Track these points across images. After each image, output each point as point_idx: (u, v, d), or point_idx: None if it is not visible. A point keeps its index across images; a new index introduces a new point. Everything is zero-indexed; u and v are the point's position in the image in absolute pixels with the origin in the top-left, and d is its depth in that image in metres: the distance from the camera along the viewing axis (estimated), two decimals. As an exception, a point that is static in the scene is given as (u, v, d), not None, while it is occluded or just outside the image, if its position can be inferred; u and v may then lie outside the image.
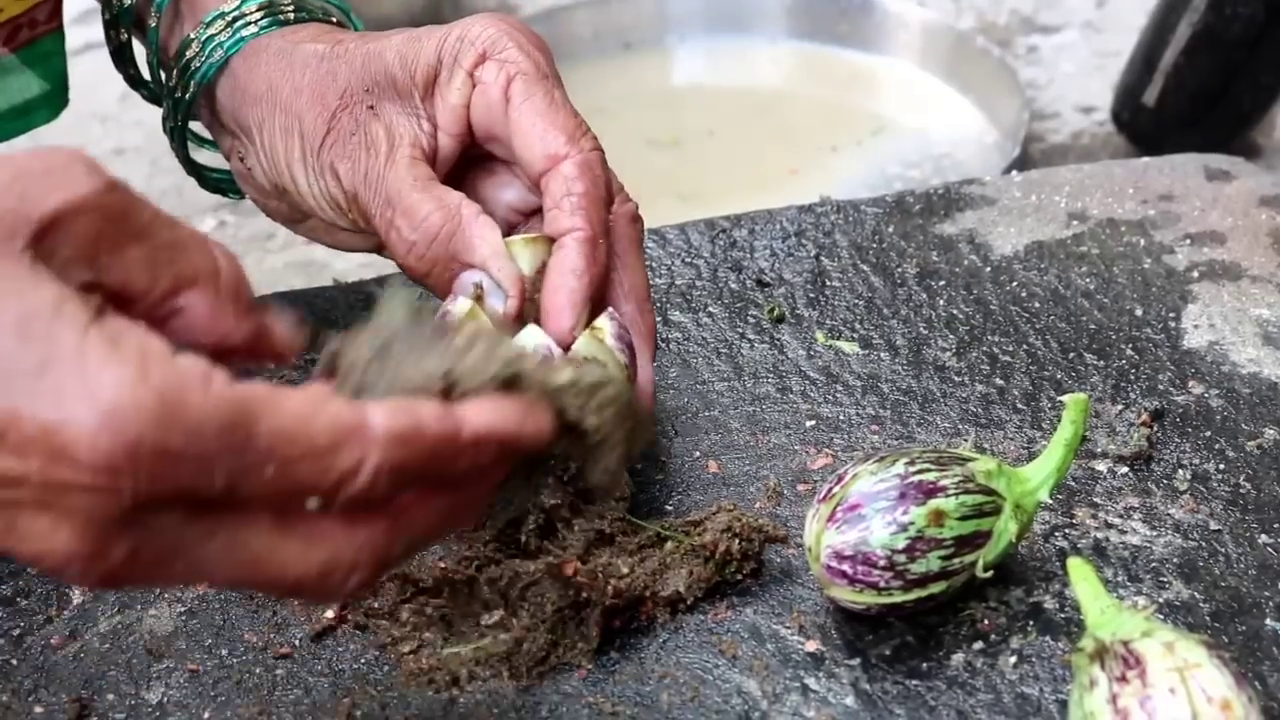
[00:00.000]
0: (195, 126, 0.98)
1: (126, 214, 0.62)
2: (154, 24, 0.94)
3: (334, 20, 0.95)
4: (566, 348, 0.79)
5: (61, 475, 0.56)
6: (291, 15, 0.93)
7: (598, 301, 0.82)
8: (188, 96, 0.93)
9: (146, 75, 0.97)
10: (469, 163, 0.89)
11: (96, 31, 1.04)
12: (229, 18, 0.92)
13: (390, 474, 0.60)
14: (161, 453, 0.56)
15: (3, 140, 1.01)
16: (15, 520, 0.57)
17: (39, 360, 0.56)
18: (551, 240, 0.82)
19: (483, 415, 0.62)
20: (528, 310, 0.81)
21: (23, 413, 0.56)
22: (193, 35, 0.92)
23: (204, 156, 1.00)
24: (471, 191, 0.87)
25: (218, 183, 1.00)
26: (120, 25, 0.96)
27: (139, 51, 0.99)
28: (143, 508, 0.57)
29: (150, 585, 0.64)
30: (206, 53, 0.91)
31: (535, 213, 0.88)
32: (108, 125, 2.37)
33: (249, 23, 0.92)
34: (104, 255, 0.61)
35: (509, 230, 0.87)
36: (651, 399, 0.83)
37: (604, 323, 0.79)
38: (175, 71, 0.93)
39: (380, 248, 0.90)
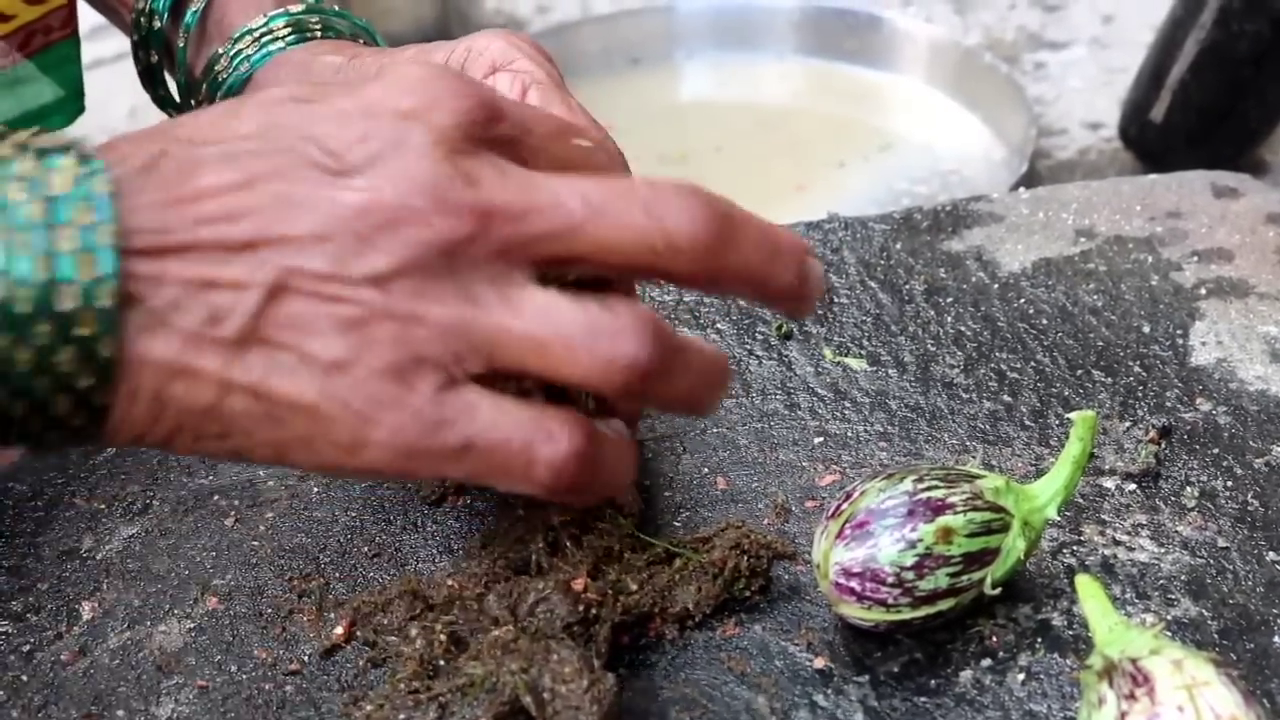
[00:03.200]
0: None
1: None
2: (182, 44, 0.95)
3: (360, 41, 0.96)
4: None
5: (406, 103, 0.61)
6: (318, 33, 0.94)
7: None
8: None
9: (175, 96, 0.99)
10: None
11: (105, 47, 1.04)
12: (257, 34, 0.93)
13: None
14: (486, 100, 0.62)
15: None
16: (375, 168, 0.60)
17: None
18: None
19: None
20: None
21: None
22: (221, 51, 0.93)
23: None
24: None
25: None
26: (150, 47, 0.97)
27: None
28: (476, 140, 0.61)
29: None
30: (233, 66, 0.93)
31: None
32: (117, 141, 2.37)
33: (276, 38, 0.93)
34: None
35: None
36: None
37: None
38: (203, 87, 0.94)
39: None
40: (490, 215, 0.60)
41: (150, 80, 0.99)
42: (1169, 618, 0.76)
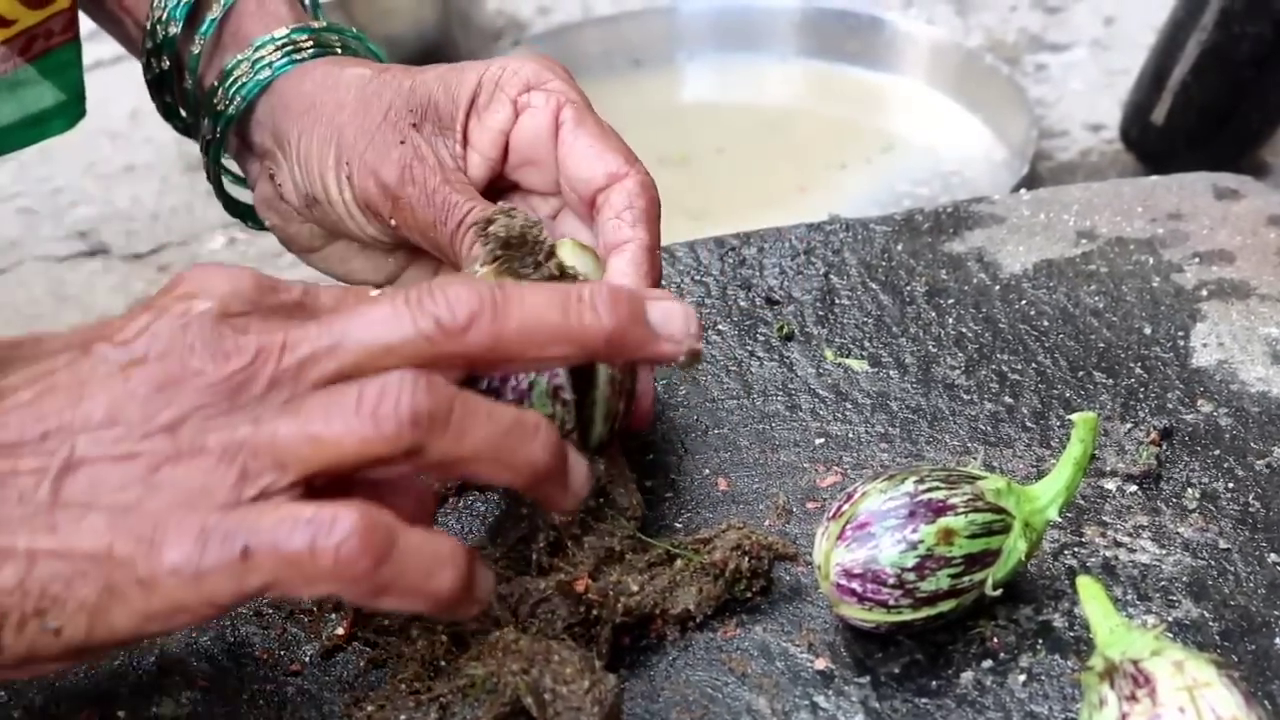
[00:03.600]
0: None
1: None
2: (196, 51, 0.95)
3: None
4: None
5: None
6: (338, 51, 0.96)
7: None
8: (231, 109, 0.95)
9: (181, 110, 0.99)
10: (489, 194, 0.90)
11: (106, 49, 1.05)
12: (279, 43, 0.94)
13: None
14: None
15: (16, 149, 1.02)
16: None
17: None
18: (596, 256, 0.82)
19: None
20: None
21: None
22: (241, 57, 0.94)
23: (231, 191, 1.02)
24: None
25: (240, 211, 1.03)
26: (162, 53, 0.97)
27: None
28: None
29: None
30: (255, 71, 0.94)
31: None
32: (118, 142, 2.38)
33: (299, 48, 0.94)
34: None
35: None
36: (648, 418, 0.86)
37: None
38: (220, 90, 0.95)
39: (392, 278, 0.94)
40: (259, 351, 0.63)
41: (158, 89, 0.99)
42: (1170, 619, 0.76)
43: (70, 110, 1.03)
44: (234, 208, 1.03)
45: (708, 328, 0.98)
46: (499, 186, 0.91)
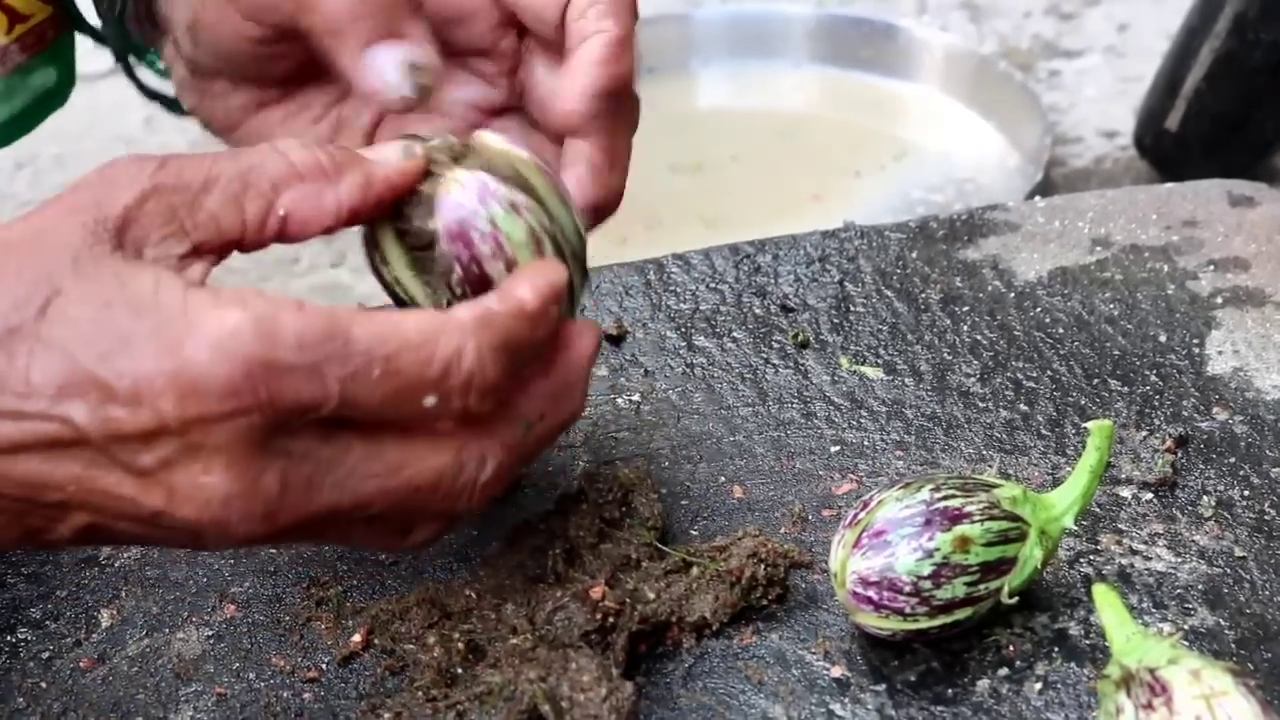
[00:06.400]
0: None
1: (183, 177, 0.67)
2: None
3: None
4: (559, 141, 0.80)
5: (195, 410, 0.62)
6: None
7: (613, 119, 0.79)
8: None
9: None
10: None
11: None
12: None
13: (491, 353, 0.66)
14: (272, 365, 0.62)
15: (27, 132, 1.04)
16: (171, 480, 0.63)
17: (152, 327, 0.63)
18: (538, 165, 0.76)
19: (527, 281, 0.69)
20: None
21: (147, 372, 0.62)
22: None
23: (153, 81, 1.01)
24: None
25: (161, 99, 1.00)
26: None
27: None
28: (277, 428, 0.63)
29: (305, 527, 0.66)
30: None
31: (501, 112, 0.86)
32: (133, 149, 2.38)
33: None
34: (186, 221, 0.67)
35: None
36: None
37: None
38: None
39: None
40: (272, 519, 0.65)
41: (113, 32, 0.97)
42: (1186, 627, 0.76)
43: (65, 89, 1.05)
44: (150, 94, 1.00)
45: (723, 335, 0.98)
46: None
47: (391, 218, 0.72)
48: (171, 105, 1.00)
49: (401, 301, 0.73)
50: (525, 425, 0.70)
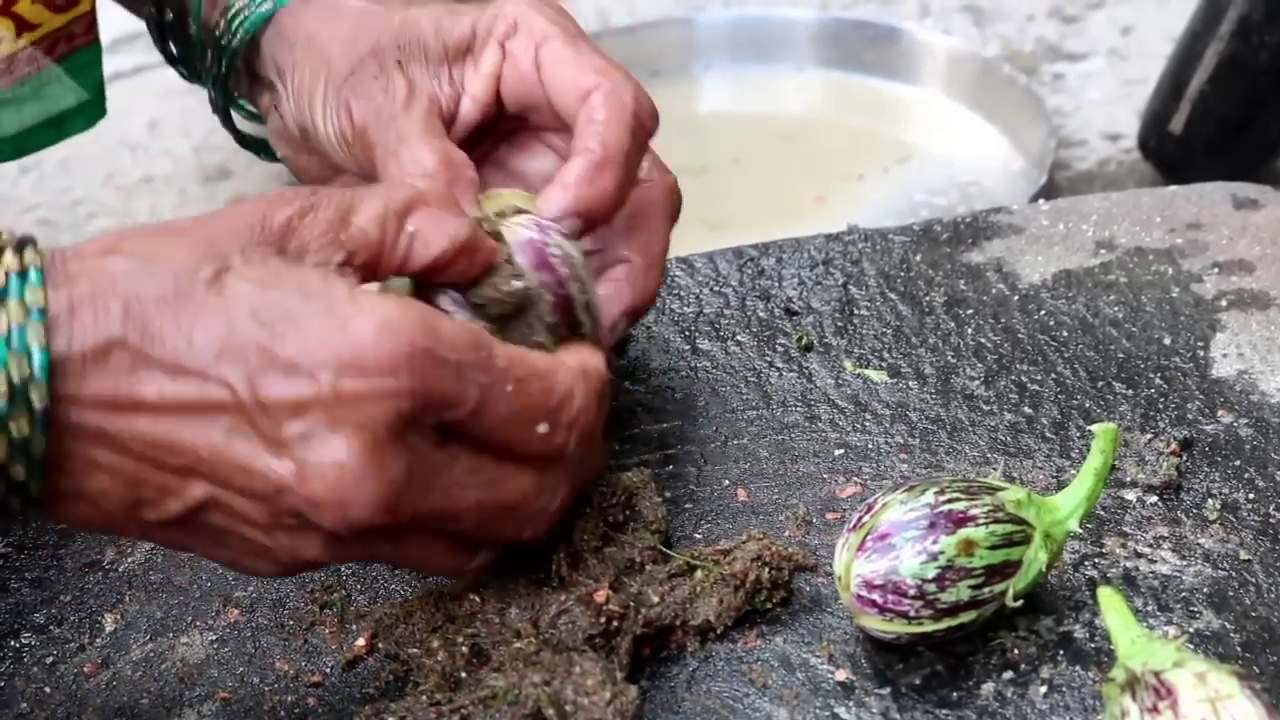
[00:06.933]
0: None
1: (334, 199, 0.72)
2: None
3: None
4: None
5: (351, 386, 0.66)
6: None
7: (600, 230, 0.85)
8: (235, 43, 0.95)
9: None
10: (499, 137, 0.91)
11: (124, 60, 1.05)
12: None
13: (595, 397, 0.74)
14: (430, 355, 0.67)
15: (39, 148, 1.04)
16: (306, 455, 0.66)
17: (319, 308, 0.67)
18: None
19: (587, 356, 0.76)
20: None
21: (312, 343, 0.66)
22: (241, 4, 0.94)
23: (244, 128, 1.03)
24: (501, 163, 0.91)
25: (254, 145, 1.04)
26: (165, 6, 0.98)
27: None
28: (413, 422, 0.67)
29: (408, 528, 0.71)
30: (256, 3, 0.93)
31: None
32: (137, 153, 2.38)
33: None
34: (341, 233, 0.71)
35: None
36: (608, 341, 0.84)
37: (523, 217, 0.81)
38: (223, 25, 0.95)
39: None
40: (391, 508, 0.68)
41: (161, 37, 1.00)
42: (1191, 630, 0.76)
43: (91, 110, 1.05)
44: (245, 142, 1.04)
45: (727, 339, 0.98)
46: (510, 129, 0.91)
47: (470, 307, 0.77)
48: (262, 149, 1.02)
49: None
50: (578, 473, 0.77)
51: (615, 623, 0.75)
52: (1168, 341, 0.95)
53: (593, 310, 0.80)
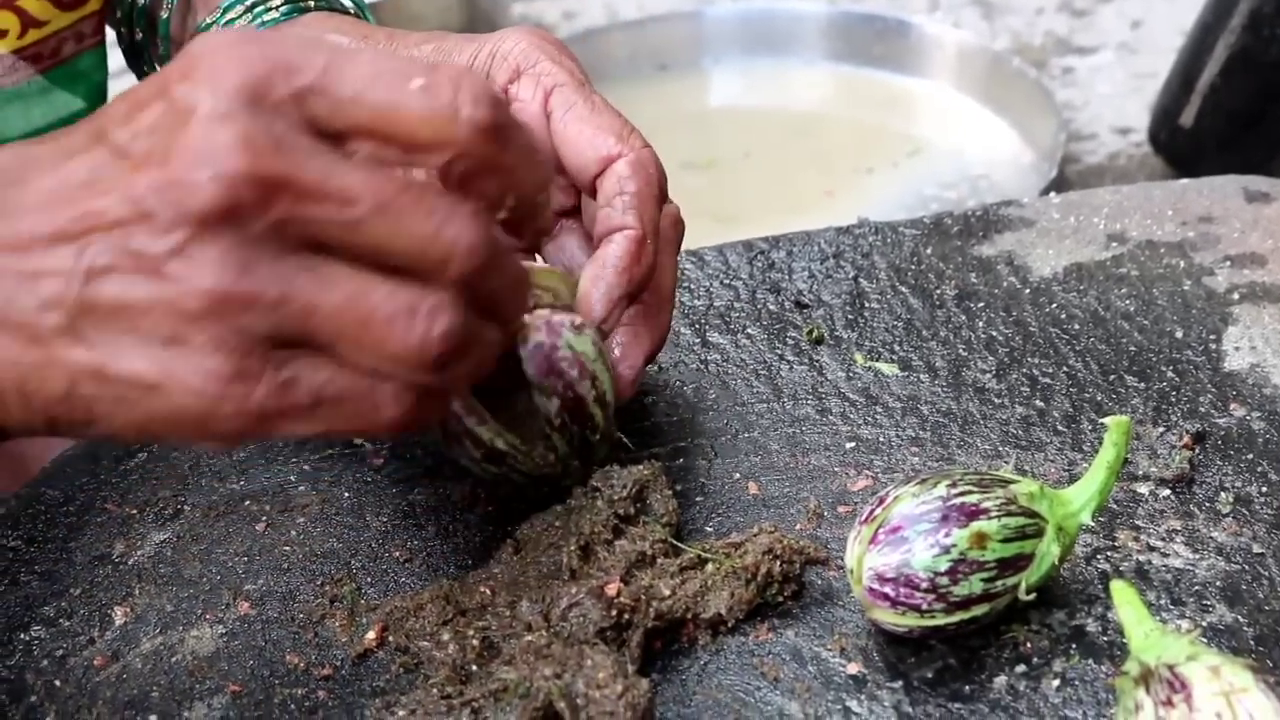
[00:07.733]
0: None
1: None
2: (165, 15, 0.93)
3: (351, 12, 0.94)
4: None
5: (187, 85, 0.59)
6: (311, 4, 0.92)
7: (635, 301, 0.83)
8: None
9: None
10: None
11: (115, 59, 1.05)
12: (248, 3, 0.91)
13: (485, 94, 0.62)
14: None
15: None
16: (156, 139, 0.60)
17: None
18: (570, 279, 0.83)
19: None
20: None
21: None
22: (210, 20, 0.91)
23: None
24: None
25: None
26: (134, 25, 0.96)
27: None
28: (267, 96, 0.59)
29: (272, 318, 0.60)
30: (225, 26, 0.90)
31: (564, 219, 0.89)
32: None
33: (270, 9, 0.91)
34: None
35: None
36: (631, 388, 0.84)
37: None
38: None
39: None
40: (276, 185, 0.59)
41: (136, 59, 0.99)
42: (1204, 624, 0.75)
43: None
44: None
45: (737, 332, 0.98)
46: None
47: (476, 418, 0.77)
48: None
49: (500, 453, 0.78)
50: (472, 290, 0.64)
51: (626, 616, 0.75)
52: (1180, 334, 0.94)
53: (606, 402, 0.80)
